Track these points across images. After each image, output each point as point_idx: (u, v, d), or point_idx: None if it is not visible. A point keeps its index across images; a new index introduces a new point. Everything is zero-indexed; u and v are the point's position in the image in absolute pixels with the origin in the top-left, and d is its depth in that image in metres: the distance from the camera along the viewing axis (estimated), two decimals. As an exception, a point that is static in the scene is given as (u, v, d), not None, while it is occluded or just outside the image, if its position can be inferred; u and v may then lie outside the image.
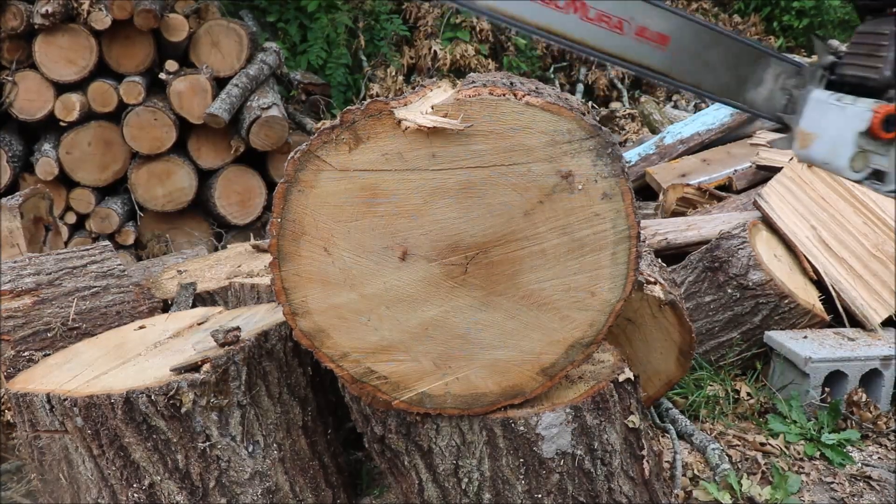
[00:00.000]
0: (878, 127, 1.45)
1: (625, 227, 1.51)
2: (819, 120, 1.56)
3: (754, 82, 1.59)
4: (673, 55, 1.50)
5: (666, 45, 1.49)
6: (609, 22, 1.44)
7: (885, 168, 1.50)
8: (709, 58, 1.53)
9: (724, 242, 2.82)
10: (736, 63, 1.56)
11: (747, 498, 2.12)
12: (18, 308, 2.29)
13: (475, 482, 1.69)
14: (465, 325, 1.55)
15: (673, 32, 1.49)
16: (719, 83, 1.57)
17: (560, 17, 1.42)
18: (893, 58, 1.46)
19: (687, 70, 1.53)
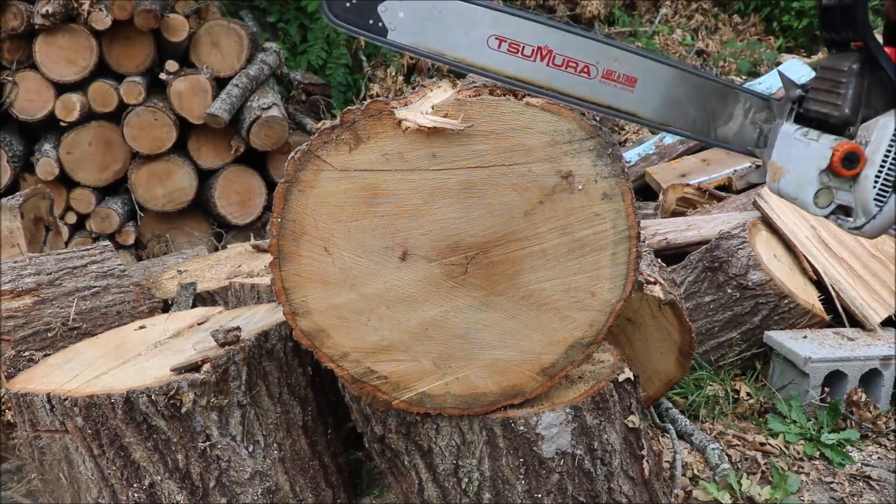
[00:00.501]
0: (837, 164, 1.45)
1: (625, 227, 1.51)
2: (788, 154, 1.56)
3: (724, 118, 1.59)
4: (641, 96, 1.51)
5: (634, 86, 1.50)
6: (576, 67, 1.45)
7: (849, 203, 1.50)
8: (677, 96, 1.53)
9: (723, 242, 2.82)
10: (704, 100, 1.56)
11: (747, 498, 2.12)
12: (19, 308, 2.29)
13: (475, 482, 1.69)
14: (465, 325, 1.56)
15: (640, 74, 1.49)
16: (689, 121, 1.57)
17: (527, 65, 1.44)
18: (851, 95, 1.45)
19: (656, 109, 1.53)
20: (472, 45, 1.42)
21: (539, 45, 1.43)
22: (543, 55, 1.44)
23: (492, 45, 1.42)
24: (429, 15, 1.40)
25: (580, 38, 1.45)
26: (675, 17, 8.23)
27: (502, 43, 1.42)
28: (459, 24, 1.41)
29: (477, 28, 1.41)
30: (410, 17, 1.39)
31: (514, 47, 1.43)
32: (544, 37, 1.43)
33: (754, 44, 7.86)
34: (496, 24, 1.41)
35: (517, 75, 1.44)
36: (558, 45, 1.44)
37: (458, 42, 1.42)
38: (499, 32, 1.42)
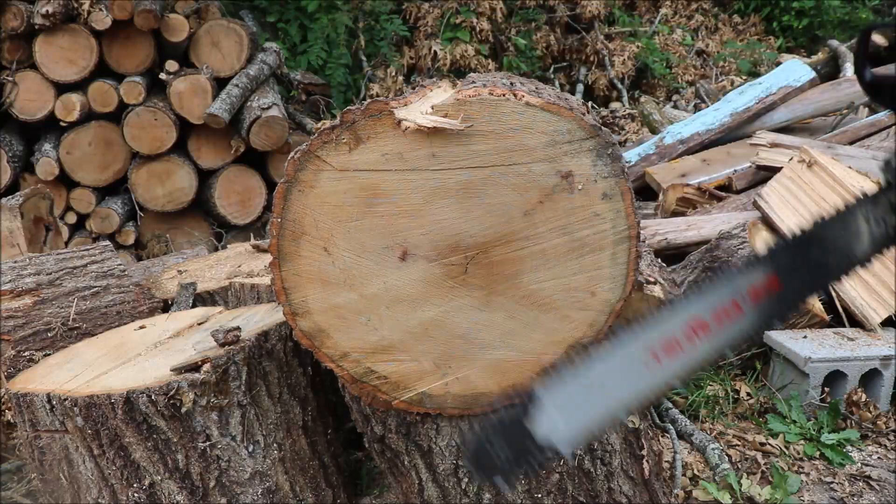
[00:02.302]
0: None
1: (625, 227, 1.51)
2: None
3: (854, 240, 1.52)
4: (786, 287, 1.39)
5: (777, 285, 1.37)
6: (729, 314, 1.31)
7: None
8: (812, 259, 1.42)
9: (723, 242, 2.82)
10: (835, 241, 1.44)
11: (747, 498, 2.12)
12: (19, 308, 2.29)
13: (475, 482, 1.69)
14: (465, 325, 1.56)
15: (777, 270, 1.37)
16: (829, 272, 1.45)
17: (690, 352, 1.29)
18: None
19: (804, 285, 1.42)
20: (635, 381, 1.27)
21: (690, 326, 1.29)
22: (698, 331, 1.30)
23: (651, 365, 1.27)
24: (584, 394, 1.24)
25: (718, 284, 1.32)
26: (675, 17, 8.24)
27: (658, 354, 1.28)
28: (613, 374, 1.26)
29: (631, 362, 1.26)
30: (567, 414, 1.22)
31: (670, 348, 1.28)
32: (690, 313, 1.29)
33: (754, 44, 7.87)
34: (644, 342, 1.27)
35: (689, 369, 1.31)
36: (704, 309, 1.30)
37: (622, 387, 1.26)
38: (650, 346, 1.27)
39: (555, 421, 1.21)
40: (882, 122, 3.98)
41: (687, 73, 7.38)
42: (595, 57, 7.45)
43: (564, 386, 1.23)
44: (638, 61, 7.32)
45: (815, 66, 5.16)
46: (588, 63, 7.49)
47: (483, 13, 7.02)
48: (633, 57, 7.32)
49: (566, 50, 7.66)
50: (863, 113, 4.57)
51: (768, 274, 1.35)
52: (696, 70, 7.47)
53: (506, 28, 7.29)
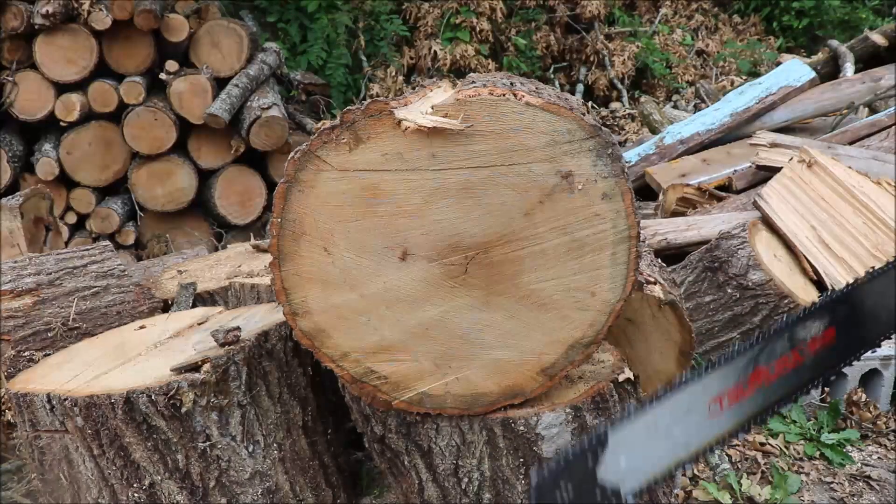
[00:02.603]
0: None
1: (625, 228, 1.51)
2: None
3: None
4: (842, 337, 1.41)
5: (834, 335, 1.39)
6: (787, 363, 1.34)
7: None
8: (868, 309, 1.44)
9: (723, 242, 2.82)
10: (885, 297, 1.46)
11: (747, 498, 2.12)
12: (19, 308, 2.29)
13: (475, 482, 1.69)
14: (465, 325, 1.55)
15: (833, 320, 1.39)
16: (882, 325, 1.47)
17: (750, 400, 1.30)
18: None
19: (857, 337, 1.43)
20: (698, 429, 1.27)
21: (751, 374, 1.30)
22: (760, 378, 1.31)
23: (714, 411, 1.27)
24: (648, 436, 1.23)
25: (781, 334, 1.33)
26: (675, 17, 8.24)
27: (721, 401, 1.28)
28: (678, 419, 1.25)
29: (694, 410, 1.26)
30: (633, 455, 1.22)
31: (733, 395, 1.29)
32: (751, 361, 1.30)
33: (754, 44, 7.87)
34: (707, 390, 1.27)
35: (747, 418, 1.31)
36: (765, 358, 1.31)
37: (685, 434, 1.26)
38: (713, 394, 1.27)
39: (621, 465, 1.20)
40: (882, 122, 3.97)
41: (687, 73, 7.38)
42: (595, 57, 7.45)
43: (632, 429, 1.21)
44: (638, 61, 7.33)
45: (815, 66, 5.16)
46: (588, 63, 7.49)
47: (483, 13, 7.02)
48: (633, 57, 7.33)
49: (566, 50, 7.66)
50: (863, 113, 4.57)
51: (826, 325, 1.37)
52: (696, 70, 7.47)
53: (506, 28, 7.29)
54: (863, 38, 5.58)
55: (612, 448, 1.19)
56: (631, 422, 1.22)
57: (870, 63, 5.32)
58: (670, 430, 1.24)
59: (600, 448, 1.18)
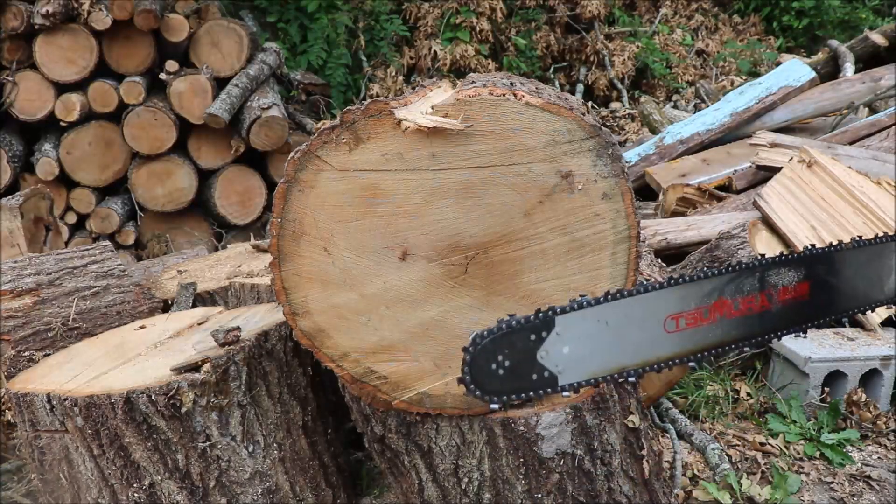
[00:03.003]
0: None
1: (625, 227, 1.51)
2: None
3: (885, 274, 1.49)
4: (815, 297, 1.40)
5: (807, 292, 1.38)
6: (754, 304, 1.32)
7: None
8: (844, 277, 1.43)
9: (723, 242, 2.82)
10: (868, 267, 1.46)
11: (747, 498, 2.12)
12: (19, 308, 2.29)
13: (475, 482, 1.69)
14: (465, 325, 1.55)
15: (808, 276, 1.38)
16: (857, 297, 1.47)
17: (708, 329, 1.28)
18: None
19: (827, 301, 1.42)
20: (651, 340, 1.25)
21: (714, 302, 1.28)
22: (722, 309, 1.29)
23: (669, 327, 1.26)
24: (598, 332, 1.21)
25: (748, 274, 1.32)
26: (675, 17, 8.23)
27: (679, 320, 1.26)
28: (632, 324, 1.24)
29: (650, 319, 1.25)
30: (577, 346, 1.20)
31: (692, 318, 1.27)
32: (716, 289, 1.28)
33: (754, 44, 7.87)
34: (667, 304, 1.25)
35: (703, 345, 1.30)
36: (732, 291, 1.30)
37: (635, 343, 1.25)
38: (672, 311, 1.25)
39: (563, 351, 1.17)
40: (882, 122, 3.98)
41: (687, 73, 7.38)
42: (595, 57, 7.45)
43: (583, 319, 1.19)
44: (638, 61, 7.33)
45: (815, 66, 5.15)
46: (588, 63, 7.49)
47: (483, 13, 7.02)
48: (633, 57, 7.33)
49: (566, 50, 7.66)
50: (863, 113, 4.57)
51: (801, 278, 1.35)
52: (696, 70, 7.47)
53: (506, 28, 7.29)
54: (863, 38, 5.58)
55: (558, 333, 1.16)
56: (583, 313, 1.18)
57: (870, 63, 5.32)
58: (622, 332, 1.22)
59: (545, 329, 1.14)
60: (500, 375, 1.14)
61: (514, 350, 1.14)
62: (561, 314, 1.17)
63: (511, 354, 1.14)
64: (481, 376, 1.13)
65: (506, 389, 1.15)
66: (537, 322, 1.15)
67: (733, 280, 1.30)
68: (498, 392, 1.15)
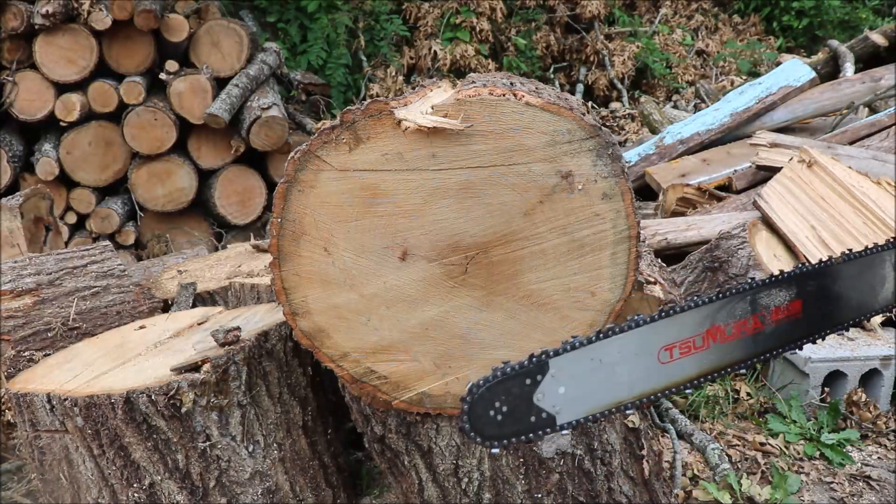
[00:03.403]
0: None
1: (625, 227, 1.51)
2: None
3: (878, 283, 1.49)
4: (810, 313, 1.40)
5: (801, 308, 1.39)
6: (747, 327, 1.33)
7: None
8: (836, 291, 1.43)
9: (723, 242, 2.82)
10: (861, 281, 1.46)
11: (747, 498, 2.12)
12: (19, 308, 2.29)
13: (475, 482, 1.69)
14: (465, 325, 1.55)
15: (801, 294, 1.38)
16: (852, 308, 1.46)
17: (703, 356, 1.29)
18: None
19: (821, 315, 1.42)
20: (646, 373, 1.26)
21: (707, 330, 1.29)
22: (714, 336, 1.30)
23: (663, 359, 1.26)
24: (592, 371, 1.21)
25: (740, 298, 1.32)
26: (675, 17, 8.23)
27: (672, 350, 1.27)
28: (626, 360, 1.24)
29: (644, 352, 1.25)
30: (573, 386, 1.20)
31: (686, 347, 1.27)
32: (708, 317, 1.29)
33: (754, 44, 7.87)
34: (659, 335, 1.26)
35: (699, 373, 1.30)
36: (724, 317, 1.30)
37: (631, 378, 1.25)
38: (665, 342, 1.26)
39: (559, 392, 1.18)
40: (882, 122, 3.97)
41: (687, 73, 7.38)
42: (595, 57, 7.45)
43: (577, 359, 1.19)
44: (638, 61, 7.33)
45: (815, 66, 5.15)
46: (588, 63, 7.49)
47: (483, 13, 7.02)
48: (633, 57, 7.33)
49: (566, 50, 7.66)
50: (863, 113, 4.57)
51: (793, 297, 1.36)
52: (696, 70, 7.47)
53: (506, 28, 7.29)
54: (863, 38, 5.58)
55: (552, 374, 1.17)
56: (576, 353, 1.19)
57: (870, 63, 5.32)
58: (616, 368, 1.23)
59: (540, 372, 1.16)
60: (499, 421, 1.15)
61: (511, 395, 1.15)
62: (555, 356, 1.18)
63: (508, 400, 1.15)
64: (480, 423, 1.14)
65: (505, 434, 1.16)
66: (532, 367, 1.17)
67: (724, 306, 1.31)
68: (498, 437, 1.15)
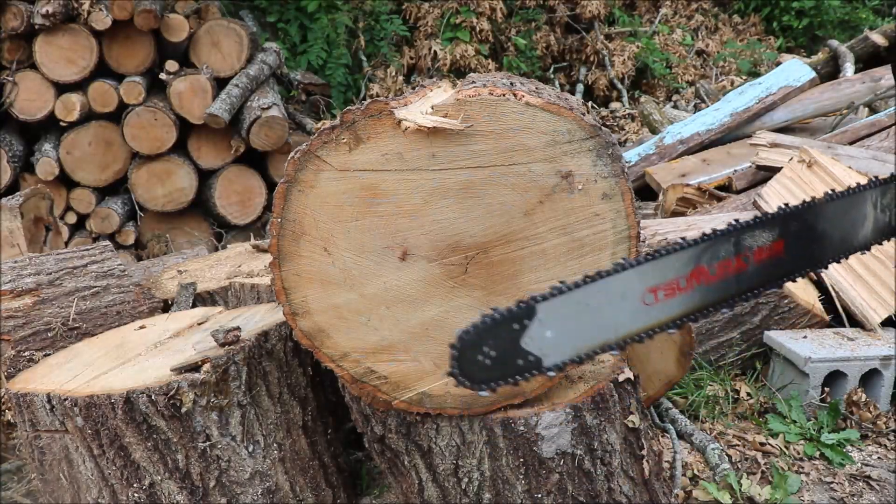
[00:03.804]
0: None
1: (625, 227, 1.51)
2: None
3: (860, 224, 1.50)
4: (791, 252, 1.40)
5: (782, 248, 1.39)
6: (730, 268, 1.33)
7: None
8: (819, 231, 1.44)
9: (723, 242, 2.81)
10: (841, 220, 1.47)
11: (747, 498, 2.12)
12: (19, 308, 2.29)
13: (475, 482, 1.69)
14: (465, 325, 1.55)
15: (783, 235, 1.39)
16: (833, 247, 1.47)
17: (687, 297, 1.30)
18: None
19: (803, 255, 1.43)
20: (631, 315, 1.28)
21: (691, 271, 1.30)
22: (699, 278, 1.31)
23: (648, 300, 1.28)
24: (577, 314, 1.23)
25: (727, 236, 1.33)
26: (675, 17, 8.24)
27: (657, 292, 1.28)
28: (611, 302, 1.26)
29: (628, 295, 1.27)
30: (559, 329, 1.22)
31: (670, 288, 1.29)
32: (692, 258, 1.30)
33: (754, 44, 7.87)
34: (643, 278, 1.27)
35: (683, 312, 1.32)
36: (707, 258, 1.31)
37: (616, 320, 1.27)
38: (649, 284, 1.27)
39: (545, 335, 1.21)
40: (882, 122, 3.98)
41: (687, 73, 7.38)
42: (595, 57, 7.45)
43: (563, 303, 1.22)
44: (638, 61, 7.33)
45: (815, 66, 5.15)
46: (588, 63, 7.49)
47: (483, 13, 7.02)
48: (633, 57, 7.33)
49: (566, 50, 7.66)
50: (863, 113, 4.57)
51: (776, 238, 1.37)
52: (696, 70, 7.47)
53: (506, 28, 7.29)
54: (863, 38, 5.58)
55: (539, 319, 1.19)
56: (562, 297, 1.22)
57: (870, 63, 5.32)
58: (601, 310, 1.25)
59: (527, 318, 1.18)
60: (487, 366, 1.19)
61: (499, 340, 1.19)
62: (542, 301, 1.20)
63: (496, 344, 1.19)
64: (469, 369, 1.18)
65: (493, 377, 1.19)
66: (520, 311, 1.19)
67: (709, 248, 1.33)
68: (486, 380, 1.19)
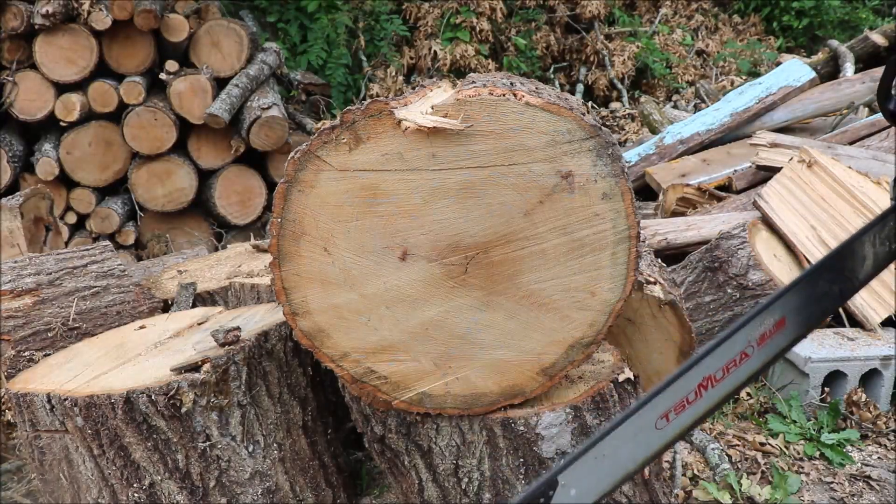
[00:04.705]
0: None
1: (625, 227, 1.51)
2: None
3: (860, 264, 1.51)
4: (794, 324, 1.40)
5: (785, 324, 1.39)
6: (736, 363, 1.34)
7: None
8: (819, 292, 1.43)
9: (723, 242, 2.82)
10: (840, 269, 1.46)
11: (747, 498, 2.12)
12: (19, 308, 2.29)
13: (475, 482, 1.69)
14: (465, 325, 1.56)
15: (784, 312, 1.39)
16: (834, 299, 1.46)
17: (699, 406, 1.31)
18: None
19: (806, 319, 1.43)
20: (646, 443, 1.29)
21: (700, 384, 1.30)
22: (706, 385, 1.31)
23: (660, 425, 1.29)
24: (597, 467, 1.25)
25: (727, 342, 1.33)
26: (675, 17, 8.24)
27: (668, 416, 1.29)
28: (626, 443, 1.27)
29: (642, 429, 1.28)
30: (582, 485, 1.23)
31: (680, 406, 1.30)
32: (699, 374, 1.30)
33: (754, 44, 7.87)
34: (654, 409, 1.28)
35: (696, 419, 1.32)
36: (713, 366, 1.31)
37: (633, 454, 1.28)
38: (660, 412, 1.28)
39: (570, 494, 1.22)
40: (882, 122, 3.97)
41: (687, 73, 7.38)
42: (595, 57, 7.45)
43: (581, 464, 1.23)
44: (638, 61, 7.33)
45: (815, 66, 5.16)
46: (588, 63, 7.49)
47: (483, 13, 7.03)
48: (633, 57, 7.33)
49: (566, 50, 7.66)
50: (863, 113, 4.57)
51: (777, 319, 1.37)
52: (696, 70, 7.47)
53: (506, 28, 7.30)
54: (863, 38, 5.58)
55: (562, 485, 1.21)
56: (581, 460, 1.23)
57: (870, 63, 5.32)
58: (618, 453, 1.27)
59: (551, 489, 1.20)
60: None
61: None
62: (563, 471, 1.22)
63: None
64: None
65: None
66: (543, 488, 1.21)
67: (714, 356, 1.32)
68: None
